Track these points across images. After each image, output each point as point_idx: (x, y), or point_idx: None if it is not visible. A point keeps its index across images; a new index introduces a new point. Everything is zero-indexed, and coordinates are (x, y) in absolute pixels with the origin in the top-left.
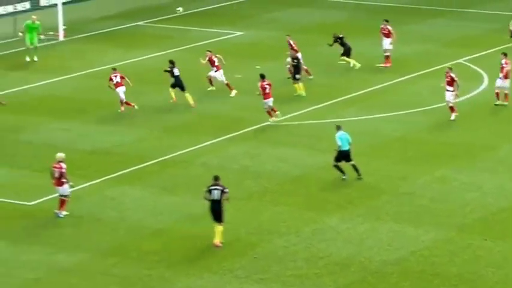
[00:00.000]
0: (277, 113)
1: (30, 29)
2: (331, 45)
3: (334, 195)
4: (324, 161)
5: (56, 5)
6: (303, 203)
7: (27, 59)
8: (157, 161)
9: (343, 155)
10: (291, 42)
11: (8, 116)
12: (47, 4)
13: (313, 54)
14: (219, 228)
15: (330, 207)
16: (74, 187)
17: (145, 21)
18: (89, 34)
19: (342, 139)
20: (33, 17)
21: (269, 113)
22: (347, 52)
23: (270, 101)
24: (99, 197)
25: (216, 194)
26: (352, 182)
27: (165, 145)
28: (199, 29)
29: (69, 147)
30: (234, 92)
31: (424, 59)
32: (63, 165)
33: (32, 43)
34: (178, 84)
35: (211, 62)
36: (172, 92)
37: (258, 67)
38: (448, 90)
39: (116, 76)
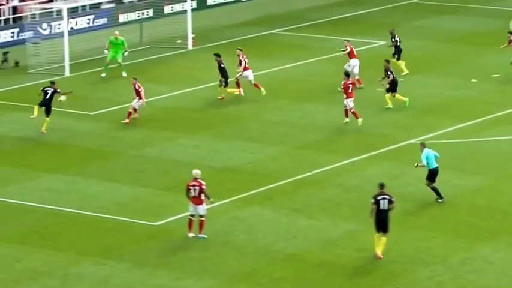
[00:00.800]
0: (359, 119)
1: (114, 45)
2: (391, 45)
3: (486, 222)
4: (475, 184)
5: (181, 12)
6: (450, 229)
7: (103, 75)
8: (291, 181)
9: (433, 174)
10: (349, 49)
11: (133, 129)
12: (171, 11)
13: (464, 65)
14: (383, 239)
15: (482, 235)
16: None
17: (280, 29)
18: (219, 43)
19: (429, 157)
20: (116, 32)
21: (346, 112)
22: (398, 53)
23: (350, 101)
24: (228, 218)
25: (383, 204)
26: (508, 207)
27: (299, 163)
28: (337, 38)
29: (197, 164)
30: (263, 90)
31: None
32: (203, 181)
33: (112, 59)
34: (225, 77)
35: (240, 62)
36: (232, 89)
37: (401, 80)
38: None
39: (140, 88)
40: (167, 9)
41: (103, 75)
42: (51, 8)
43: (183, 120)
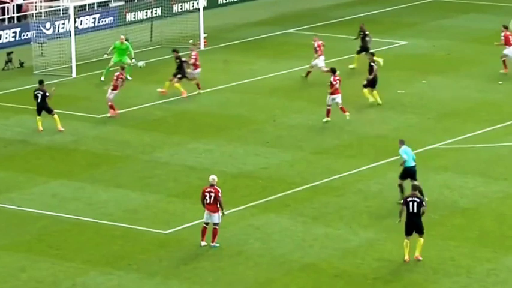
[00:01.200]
0: (346, 113)
1: (119, 50)
2: (356, 38)
3: None
4: (501, 191)
5: (191, 11)
6: (475, 238)
7: (102, 78)
8: (307, 187)
9: (408, 172)
10: (316, 45)
11: (142, 133)
12: (180, 10)
13: (490, 66)
14: (419, 241)
15: (509, 244)
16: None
17: (296, 29)
18: (232, 43)
19: (408, 154)
20: (122, 36)
21: (328, 111)
22: (364, 50)
23: (337, 97)
24: (242, 226)
25: (413, 206)
26: None
27: (316, 169)
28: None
29: (210, 169)
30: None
31: None
32: (219, 189)
33: (117, 62)
34: (183, 74)
35: (194, 59)
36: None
37: (424, 82)
38: None
39: (122, 79)
40: (176, 8)
41: (102, 79)
42: (58, 6)
43: (195, 124)
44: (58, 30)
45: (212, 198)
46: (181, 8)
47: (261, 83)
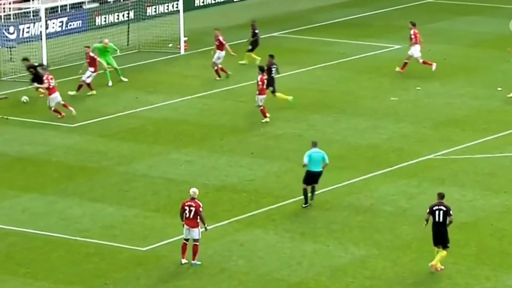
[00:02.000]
0: (266, 118)
1: (102, 52)
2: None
3: None
4: (501, 204)
5: (168, 13)
6: (473, 255)
7: (110, 83)
8: (296, 200)
9: (310, 176)
10: (221, 39)
11: (118, 143)
12: (154, 13)
13: (489, 71)
14: (442, 253)
15: (509, 261)
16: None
17: (281, 32)
18: (213, 47)
19: (311, 157)
20: (106, 40)
21: (263, 111)
22: (253, 48)
23: (261, 98)
24: (225, 242)
25: (439, 215)
26: None
27: None
28: (346, 42)
29: (191, 182)
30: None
31: None
32: (200, 203)
33: (109, 64)
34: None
35: (92, 59)
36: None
37: (418, 88)
38: None
39: (52, 79)
40: (150, 11)
41: (110, 84)
42: (28, 8)
43: (175, 133)
44: (23, 34)
45: (192, 212)
46: (155, 11)
47: (244, 90)
